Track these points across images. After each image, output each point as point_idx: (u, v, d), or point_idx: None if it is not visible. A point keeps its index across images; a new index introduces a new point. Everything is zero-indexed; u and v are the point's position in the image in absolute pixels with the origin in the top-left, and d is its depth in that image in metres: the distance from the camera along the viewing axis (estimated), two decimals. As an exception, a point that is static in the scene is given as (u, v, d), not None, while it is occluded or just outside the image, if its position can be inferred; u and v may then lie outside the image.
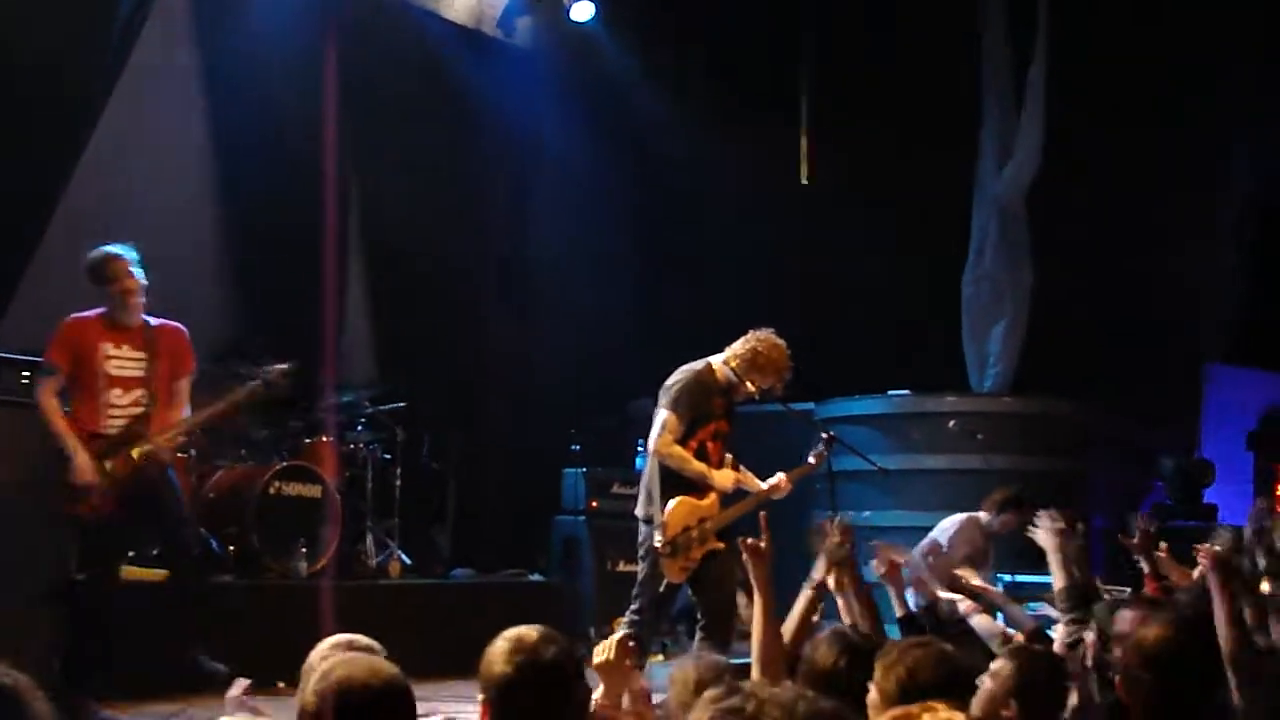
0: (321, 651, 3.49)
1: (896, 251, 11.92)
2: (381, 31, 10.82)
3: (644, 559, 7.01)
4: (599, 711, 3.73)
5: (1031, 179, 11.74)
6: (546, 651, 3.15)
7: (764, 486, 7.08)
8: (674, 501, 6.84)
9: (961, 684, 3.54)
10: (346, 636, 3.56)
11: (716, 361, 7.06)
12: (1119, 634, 4.20)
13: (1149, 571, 5.85)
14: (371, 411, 10.05)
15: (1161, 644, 3.79)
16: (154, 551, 7.99)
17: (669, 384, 7.01)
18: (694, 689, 3.57)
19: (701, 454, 6.95)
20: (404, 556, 9.82)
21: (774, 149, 12.47)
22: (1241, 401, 13.85)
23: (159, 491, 6.96)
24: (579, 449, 11.21)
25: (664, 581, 6.93)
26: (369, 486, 9.80)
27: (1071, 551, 5.70)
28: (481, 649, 3.25)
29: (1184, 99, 12.01)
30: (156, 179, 9.68)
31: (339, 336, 10.43)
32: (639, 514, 7.10)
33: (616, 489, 10.81)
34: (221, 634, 7.77)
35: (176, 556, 7.19)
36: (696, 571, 6.91)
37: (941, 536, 8.43)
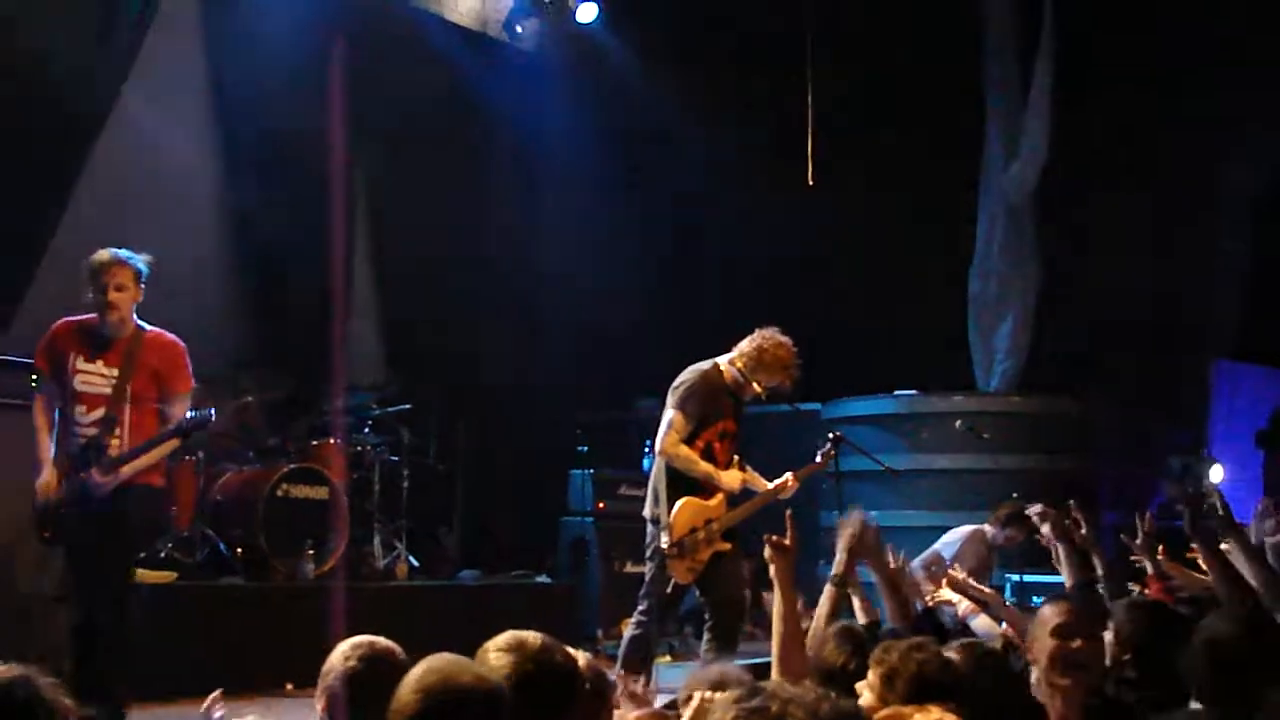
0: (343, 652, 3.49)
1: (903, 250, 11.92)
2: (387, 35, 10.82)
3: (651, 560, 7.00)
4: None
5: (1038, 175, 11.73)
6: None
7: (770, 487, 7.05)
8: (680, 502, 6.82)
9: (956, 686, 3.52)
10: (367, 638, 3.55)
11: (723, 361, 7.05)
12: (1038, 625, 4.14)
13: (1152, 572, 5.83)
14: (378, 414, 10.06)
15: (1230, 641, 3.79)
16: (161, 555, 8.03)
17: (676, 384, 7.00)
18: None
19: (708, 454, 6.93)
20: (411, 558, 9.83)
21: (779, 148, 12.47)
22: (1251, 399, 13.82)
23: (97, 529, 6.07)
24: (586, 450, 11.21)
25: (671, 582, 6.92)
26: (376, 488, 9.82)
27: (1085, 547, 5.69)
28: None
29: (1191, 94, 11.99)
30: (162, 184, 9.68)
31: (345, 339, 10.43)
32: (646, 515, 7.09)
33: (624, 490, 10.79)
34: (228, 635, 7.80)
35: (82, 611, 6.08)
36: (704, 572, 6.89)
37: (945, 550, 8.44)
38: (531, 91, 12.12)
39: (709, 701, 3.33)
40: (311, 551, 8.70)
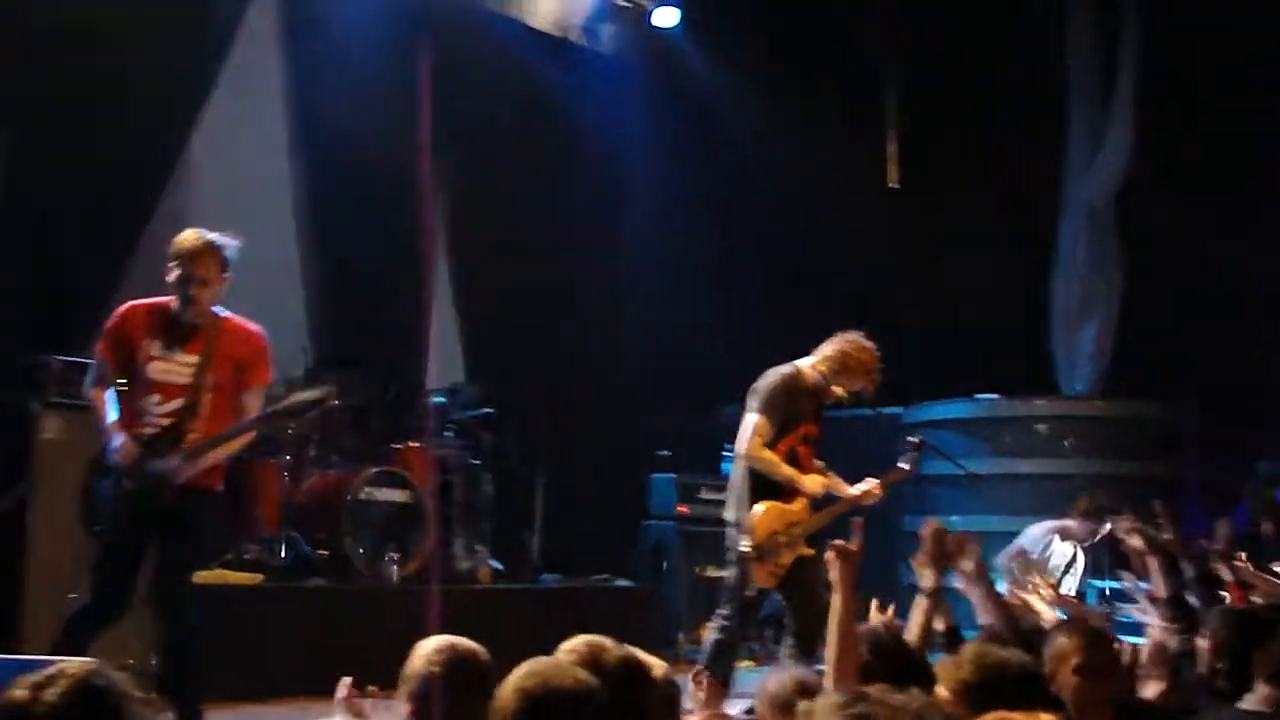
0: (426, 654, 3.50)
1: (985, 253, 11.84)
2: (467, 39, 10.89)
3: (732, 564, 7.00)
4: None
5: (1121, 179, 11.61)
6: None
7: (853, 492, 6.99)
8: (762, 506, 6.79)
9: (1034, 690, 3.50)
10: (449, 639, 3.57)
11: (805, 365, 7.02)
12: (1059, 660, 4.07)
13: (1232, 580, 5.76)
14: (461, 417, 10.12)
15: None
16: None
17: (758, 387, 6.97)
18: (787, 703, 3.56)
19: (791, 458, 6.89)
20: (493, 561, 9.87)
21: (861, 152, 12.42)
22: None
23: (173, 522, 5.81)
24: (668, 454, 11.21)
25: (752, 586, 6.90)
26: (458, 492, 9.86)
27: (1172, 551, 5.62)
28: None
29: (1275, 97, 11.82)
30: (248, 183, 9.81)
31: (428, 343, 10.50)
32: (727, 518, 7.07)
33: (705, 494, 10.77)
34: (313, 638, 7.88)
35: (157, 605, 5.87)
36: (786, 577, 6.85)
37: (1029, 544, 8.37)
38: (612, 95, 12.16)
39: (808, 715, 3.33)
40: (395, 555, 8.76)
